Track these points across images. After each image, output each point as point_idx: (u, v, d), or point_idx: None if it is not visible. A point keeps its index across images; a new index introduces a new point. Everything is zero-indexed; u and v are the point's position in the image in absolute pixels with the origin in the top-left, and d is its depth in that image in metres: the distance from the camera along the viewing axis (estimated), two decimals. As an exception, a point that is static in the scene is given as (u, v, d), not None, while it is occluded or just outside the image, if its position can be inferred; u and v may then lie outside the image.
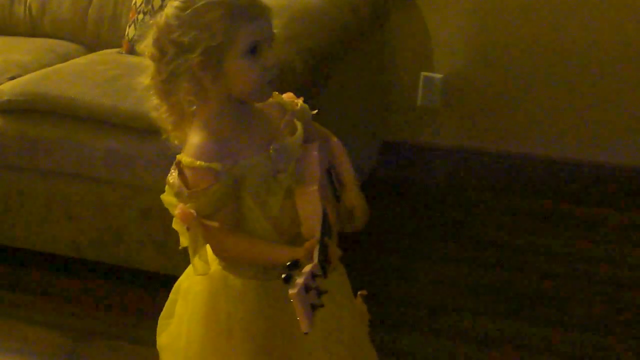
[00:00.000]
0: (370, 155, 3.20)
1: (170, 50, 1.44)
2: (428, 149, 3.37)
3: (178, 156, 1.49)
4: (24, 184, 2.52)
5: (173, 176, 1.49)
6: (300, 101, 1.62)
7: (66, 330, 2.40)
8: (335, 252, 1.42)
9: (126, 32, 2.81)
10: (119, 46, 2.86)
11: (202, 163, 1.44)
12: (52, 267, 2.65)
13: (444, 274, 2.67)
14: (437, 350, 2.31)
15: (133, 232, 2.45)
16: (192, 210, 1.45)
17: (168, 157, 1.53)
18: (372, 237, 2.82)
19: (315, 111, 1.65)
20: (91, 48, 3.00)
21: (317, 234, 1.39)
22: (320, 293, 1.28)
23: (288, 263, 1.29)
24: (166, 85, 1.47)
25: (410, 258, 2.77)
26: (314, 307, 1.27)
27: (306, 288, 1.25)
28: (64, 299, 2.54)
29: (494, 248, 2.81)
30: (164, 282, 1.73)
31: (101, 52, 2.86)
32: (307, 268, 1.28)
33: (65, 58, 2.84)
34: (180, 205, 1.47)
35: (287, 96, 1.63)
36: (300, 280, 1.26)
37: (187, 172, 1.47)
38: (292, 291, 1.25)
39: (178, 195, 1.47)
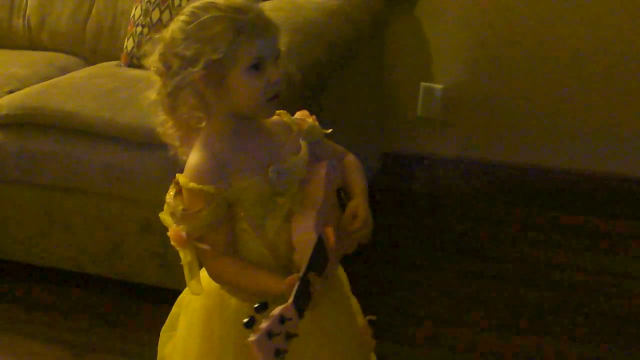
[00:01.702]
0: (370, 166, 3.18)
1: (174, 64, 1.44)
2: (428, 160, 3.36)
3: (177, 175, 1.49)
4: (22, 198, 2.51)
5: (170, 195, 1.49)
6: (310, 120, 1.60)
7: (66, 345, 2.39)
8: (318, 289, 1.37)
9: (124, 45, 2.81)
10: (118, 59, 2.85)
11: (195, 185, 1.44)
12: (52, 282, 2.63)
13: (444, 286, 2.65)
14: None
15: (133, 245, 2.44)
16: (183, 233, 1.45)
17: (167, 171, 1.53)
18: (371, 248, 2.80)
19: (330, 130, 1.63)
20: (90, 61, 3.00)
21: (302, 270, 1.35)
22: (289, 337, 1.24)
23: (255, 305, 1.24)
24: (171, 100, 1.47)
25: (411, 270, 2.75)
26: (277, 354, 1.22)
27: (269, 334, 1.21)
28: (64, 313, 2.52)
29: (495, 260, 2.80)
30: (165, 296, 1.73)
31: (100, 65, 2.86)
32: (275, 311, 1.24)
33: (64, 71, 2.83)
34: (173, 226, 1.47)
35: (300, 114, 1.62)
36: (263, 325, 1.21)
37: (184, 192, 1.47)
38: (250, 338, 1.20)
39: (172, 215, 1.48)
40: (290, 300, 1.28)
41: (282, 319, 1.23)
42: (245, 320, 1.22)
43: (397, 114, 3.35)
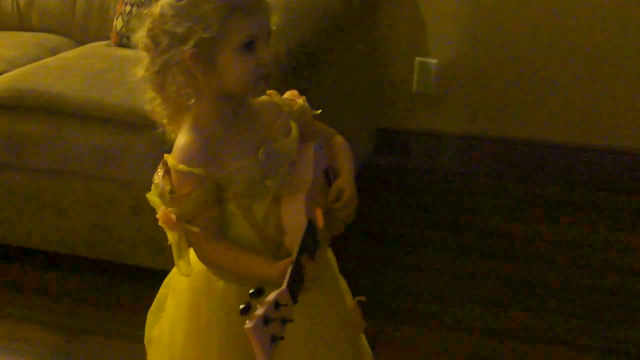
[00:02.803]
0: (365, 142, 3.16)
1: (163, 41, 1.40)
2: (424, 136, 3.33)
3: (165, 155, 1.46)
4: (12, 181, 2.50)
5: (159, 176, 1.46)
6: (300, 100, 1.58)
7: (59, 328, 2.39)
8: (311, 272, 1.36)
9: (114, 25, 2.78)
10: (108, 38, 2.82)
11: (185, 167, 1.41)
12: (44, 265, 2.63)
13: (443, 264, 2.64)
14: (439, 341, 2.29)
15: (123, 227, 2.42)
16: (173, 215, 1.42)
17: (157, 152, 1.50)
18: (368, 226, 2.80)
19: (319, 111, 1.61)
20: (80, 41, 2.97)
21: (294, 254, 1.34)
22: (284, 321, 1.22)
23: (251, 291, 1.22)
24: (159, 77, 1.43)
25: (408, 248, 2.74)
26: (274, 340, 1.21)
27: (265, 320, 1.19)
28: (56, 296, 2.52)
29: (494, 236, 2.79)
30: (156, 278, 1.71)
31: (89, 45, 2.83)
32: (270, 296, 1.22)
33: (53, 52, 2.81)
34: (162, 208, 1.45)
35: (290, 94, 1.59)
36: (259, 311, 1.19)
37: (172, 174, 1.44)
38: (247, 325, 1.18)
39: (161, 197, 1.45)
40: (285, 285, 1.26)
41: (277, 305, 1.22)
42: (242, 306, 1.20)
43: (392, 90, 3.31)
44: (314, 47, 2.27)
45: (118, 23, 2.76)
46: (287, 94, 1.59)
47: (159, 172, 1.47)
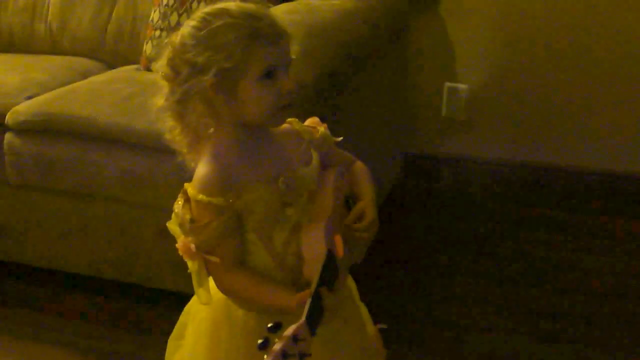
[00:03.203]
0: (393, 167, 3.15)
1: (184, 70, 1.40)
2: (453, 161, 3.32)
3: (185, 184, 1.46)
4: (41, 204, 2.52)
5: (178, 205, 1.47)
6: (322, 129, 1.57)
7: (85, 351, 2.39)
8: (330, 304, 1.35)
9: (143, 49, 2.80)
10: (138, 63, 2.85)
11: (204, 197, 1.41)
12: (71, 286, 2.64)
13: (469, 291, 2.61)
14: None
15: (149, 251, 2.43)
16: (192, 245, 1.42)
17: (183, 177, 1.51)
18: (394, 251, 2.78)
19: (340, 138, 1.60)
20: (111, 65, 2.99)
21: (312, 285, 1.33)
22: (302, 356, 1.21)
23: (269, 325, 1.21)
24: (179, 106, 1.43)
25: (434, 274, 2.72)
26: None
27: (284, 354, 1.18)
28: (84, 319, 2.53)
29: (518, 262, 2.75)
30: (181, 301, 1.71)
31: (119, 69, 2.85)
32: (288, 331, 1.21)
33: (84, 75, 2.83)
34: (182, 237, 1.45)
35: (311, 121, 1.59)
36: (277, 346, 1.18)
37: (192, 203, 1.44)
38: None
39: (180, 226, 1.45)
40: (303, 318, 1.25)
41: (295, 339, 1.21)
42: (260, 341, 1.19)
43: (421, 115, 3.30)
44: (339, 72, 2.26)
45: (147, 48, 2.78)
46: (309, 121, 1.59)
47: (179, 202, 1.47)
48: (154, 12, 2.80)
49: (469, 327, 2.43)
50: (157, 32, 2.75)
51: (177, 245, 1.47)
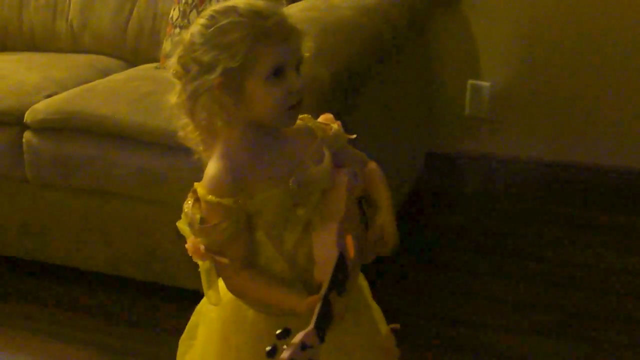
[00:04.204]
0: (416, 166, 3.12)
1: (193, 69, 1.39)
2: (476, 159, 3.28)
3: (195, 184, 1.45)
4: (60, 202, 2.53)
5: (188, 204, 1.45)
6: (335, 126, 1.55)
7: (104, 349, 2.39)
8: (340, 309, 1.34)
9: (163, 47, 2.80)
10: (159, 61, 2.84)
11: (214, 198, 1.40)
12: (88, 284, 2.65)
13: (489, 290, 2.58)
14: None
15: (167, 249, 2.43)
16: (202, 246, 1.41)
17: (199, 175, 1.49)
18: (416, 250, 2.76)
19: (354, 136, 1.58)
20: (132, 63, 3.00)
21: (322, 290, 1.31)
22: None
23: (278, 331, 1.19)
24: (190, 104, 1.42)
25: (455, 272, 2.69)
26: None
27: None
28: (102, 316, 2.53)
29: (542, 262, 2.71)
30: (199, 300, 1.70)
31: (139, 67, 2.85)
32: (297, 338, 1.19)
33: (104, 73, 2.84)
34: (191, 238, 1.44)
35: (324, 118, 1.57)
36: (285, 354, 1.16)
37: (202, 204, 1.43)
38: None
39: (190, 226, 1.44)
40: (312, 325, 1.23)
41: (303, 346, 1.19)
42: (268, 348, 1.18)
43: (444, 113, 3.27)
44: (356, 70, 2.24)
45: (167, 45, 2.77)
46: (322, 118, 1.57)
47: (189, 201, 1.45)
48: (174, 9, 2.79)
49: (489, 326, 2.40)
50: (177, 30, 2.75)
51: (186, 245, 1.46)
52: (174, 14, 2.78)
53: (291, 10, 2.35)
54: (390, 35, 2.49)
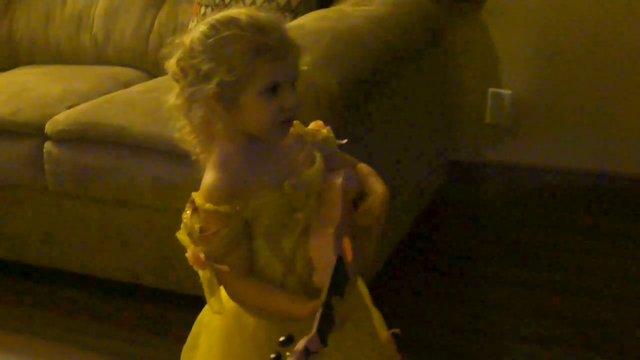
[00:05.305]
0: (438, 174, 3.12)
1: (190, 74, 1.41)
2: (497, 168, 3.27)
3: (192, 194, 1.47)
4: (77, 211, 2.57)
5: (187, 214, 1.47)
6: (324, 130, 1.56)
7: (121, 357, 2.41)
8: (341, 313, 1.34)
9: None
10: (178, 72, 2.87)
11: (211, 206, 1.41)
12: (106, 292, 2.68)
13: (510, 299, 2.56)
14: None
15: (184, 257, 2.44)
16: (202, 254, 1.43)
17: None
18: (437, 259, 2.76)
19: (344, 141, 1.59)
20: (153, 74, 3.04)
21: (323, 295, 1.32)
22: None
23: (281, 339, 1.21)
24: (187, 107, 1.44)
25: (476, 281, 2.68)
26: None
27: None
28: (120, 324, 2.56)
29: (564, 271, 2.69)
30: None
31: (157, 79, 2.89)
32: (300, 344, 1.21)
33: (126, 85, 2.88)
34: (191, 247, 1.45)
35: (315, 124, 1.58)
36: None
37: (200, 213, 1.44)
38: None
39: (189, 236, 1.46)
40: (314, 330, 1.25)
41: (307, 352, 1.21)
42: (272, 356, 1.20)
43: (465, 121, 3.27)
44: (366, 78, 2.25)
45: (184, 56, 2.80)
46: (312, 124, 1.58)
47: (187, 211, 1.47)
48: (193, 22, 2.83)
49: (510, 335, 2.39)
50: (195, 41, 2.77)
51: (186, 255, 1.48)
52: (193, 25, 2.81)
53: (304, 20, 2.39)
54: (404, 45, 2.50)
